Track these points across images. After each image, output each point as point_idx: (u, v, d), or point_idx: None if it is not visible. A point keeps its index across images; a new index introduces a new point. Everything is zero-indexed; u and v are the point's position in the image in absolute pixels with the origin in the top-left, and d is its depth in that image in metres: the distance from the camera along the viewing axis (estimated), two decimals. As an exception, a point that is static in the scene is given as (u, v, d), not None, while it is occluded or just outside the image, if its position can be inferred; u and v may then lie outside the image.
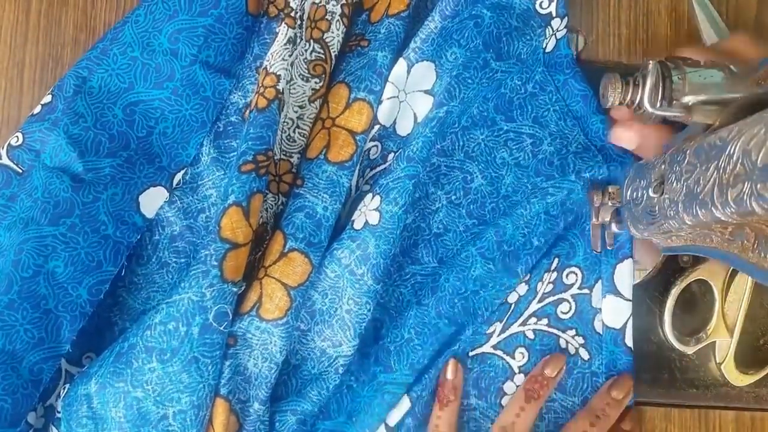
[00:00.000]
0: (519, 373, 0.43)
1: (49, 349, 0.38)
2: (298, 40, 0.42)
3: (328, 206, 0.40)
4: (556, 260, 0.43)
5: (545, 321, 0.43)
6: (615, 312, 0.43)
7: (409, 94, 0.43)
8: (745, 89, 0.29)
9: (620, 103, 0.33)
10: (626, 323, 0.43)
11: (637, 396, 0.43)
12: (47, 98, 0.42)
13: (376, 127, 0.43)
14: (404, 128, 0.43)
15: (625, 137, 0.40)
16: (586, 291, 0.43)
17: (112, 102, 0.42)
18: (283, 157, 0.42)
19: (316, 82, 0.42)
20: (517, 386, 0.42)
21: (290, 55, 0.40)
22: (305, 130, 0.43)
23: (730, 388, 0.45)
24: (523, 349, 0.43)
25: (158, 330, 0.37)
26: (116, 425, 0.37)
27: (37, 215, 0.39)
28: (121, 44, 0.42)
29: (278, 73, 0.40)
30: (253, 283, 0.39)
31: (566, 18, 0.44)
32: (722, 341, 0.45)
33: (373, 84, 0.41)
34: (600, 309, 0.43)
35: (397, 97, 0.42)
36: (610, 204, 0.40)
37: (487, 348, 0.43)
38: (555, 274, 0.43)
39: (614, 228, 0.41)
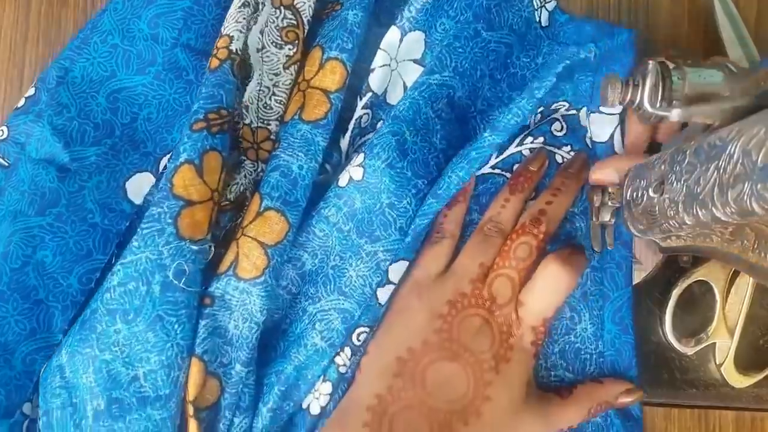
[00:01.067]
0: None
1: (42, 339, 0.38)
2: (261, 7, 0.42)
3: (304, 165, 0.40)
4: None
5: (541, 139, 0.44)
6: (599, 126, 0.44)
7: (401, 63, 0.43)
8: (745, 89, 0.29)
9: (620, 103, 0.33)
10: (613, 134, 0.44)
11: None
12: (31, 91, 0.42)
13: (369, 94, 0.43)
14: (394, 97, 0.43)
15: (604, 174, 0.41)
16: (573, 112, 0.45)
17: (95, 90, 0.42)
18: (260, 125, 0.42)
19: (289, 49, 0.42)
20: None
21: (245, 18, 0.41)
22: (281, 97, 0.43)
23: (730, 388, 0.45)
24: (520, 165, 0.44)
25: (118, 292, 0.36)
26: (88, 391, 0.37)
27: (25, 207, 0.39)
28: (101, 32, 0.42)
29: (231, 34, 0.40)
30: (231, 245, 0.39)
31: None
32: (722, 342, 0.45)
33: (345, 42, 0.41)
34: (587, 127, 0.44)
35: (389, 65, 0.43)
36: (610, 204, 0.40)
37: (486, 169, 0.44)
38: (542, 107, 0.45)
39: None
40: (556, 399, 0.40)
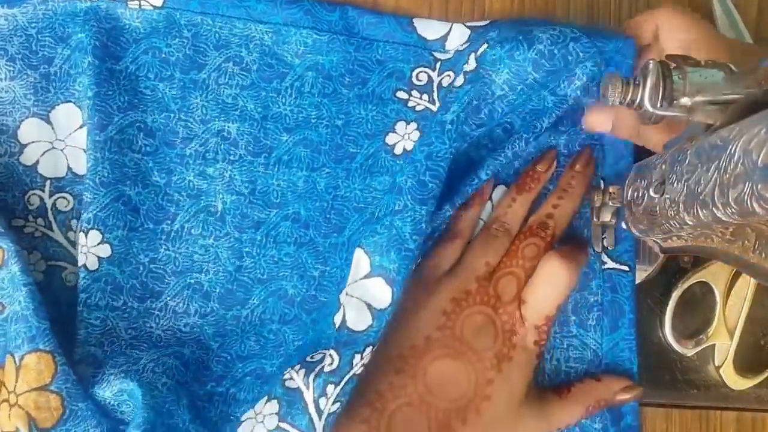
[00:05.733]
0: None
1: None
2: None
3: None
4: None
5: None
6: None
7: None
8: (745, 89, 0.29)
9: (620, 103, 0.33)
10: None
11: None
12: None
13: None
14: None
15: (598, 120, 0.41)
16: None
17: None
18: None
19: None
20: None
21: None
22: None
23: (731, 389, 0.45)
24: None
25: None
26: None
27: None
28: None
29: None
30: None
31: None
32: (722, 344, 0.45)
33: None
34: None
35: None
36: (610, 204, 0.40)
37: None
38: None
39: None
40: (554, 398, 0.40)
